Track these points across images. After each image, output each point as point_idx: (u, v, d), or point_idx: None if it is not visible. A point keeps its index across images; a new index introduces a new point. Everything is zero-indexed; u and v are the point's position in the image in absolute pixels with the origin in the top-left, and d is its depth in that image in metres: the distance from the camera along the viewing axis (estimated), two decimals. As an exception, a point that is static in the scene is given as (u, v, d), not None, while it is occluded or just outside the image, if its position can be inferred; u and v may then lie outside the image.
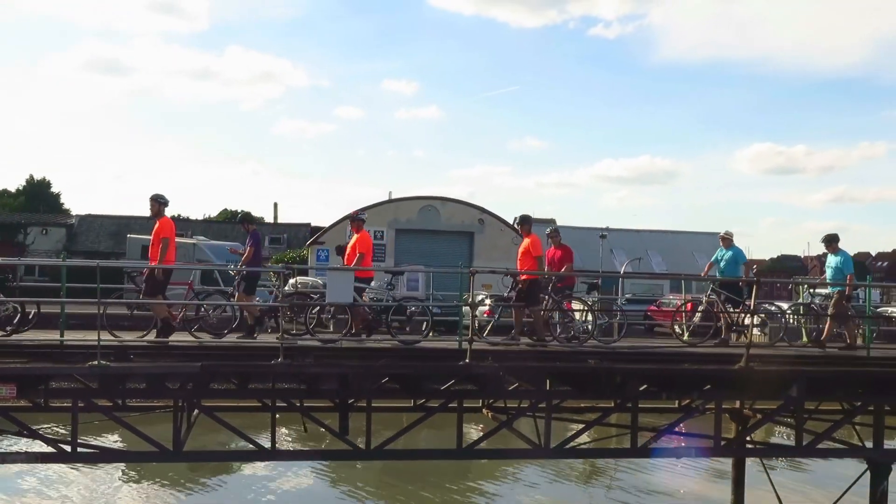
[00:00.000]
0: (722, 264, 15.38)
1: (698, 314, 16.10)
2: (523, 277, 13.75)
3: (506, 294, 14.38)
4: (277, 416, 12.40)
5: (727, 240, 15.43)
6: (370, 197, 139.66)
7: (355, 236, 14.36)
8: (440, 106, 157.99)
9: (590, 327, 14.45)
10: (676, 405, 14.23)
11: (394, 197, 49.96)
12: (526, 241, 14.05)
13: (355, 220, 14.72)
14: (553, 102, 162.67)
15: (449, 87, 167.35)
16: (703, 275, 17.05)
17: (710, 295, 15.07)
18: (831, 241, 14.94)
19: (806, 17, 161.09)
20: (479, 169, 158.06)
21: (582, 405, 14.63)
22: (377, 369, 11.72)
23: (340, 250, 15.50)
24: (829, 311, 14.92)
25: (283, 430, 19.40)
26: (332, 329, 14.17)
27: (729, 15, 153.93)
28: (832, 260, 14.95)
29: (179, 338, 12.42)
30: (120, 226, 58.67)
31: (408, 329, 15.20)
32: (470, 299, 12.14)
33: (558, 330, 14.49)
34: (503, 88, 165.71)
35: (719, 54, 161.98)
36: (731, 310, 14.84)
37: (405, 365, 11.96)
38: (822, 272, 15.43)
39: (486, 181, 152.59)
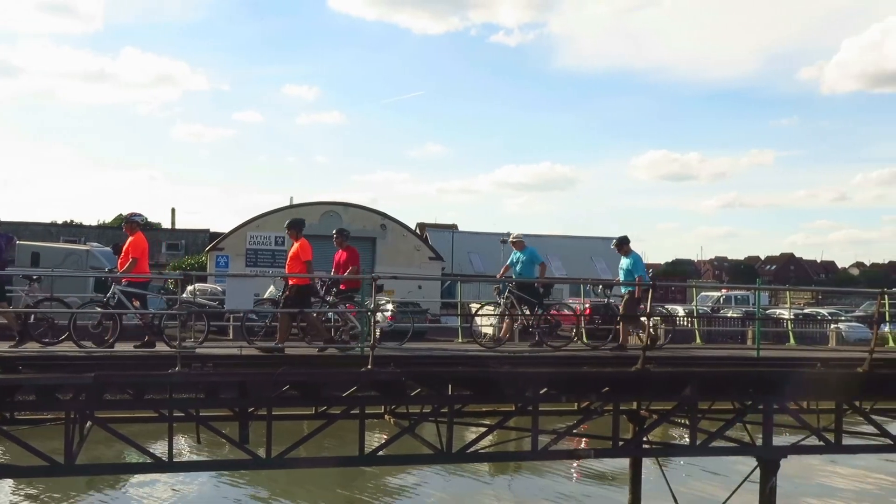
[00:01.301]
0: (518, 267, 15.58)
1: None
2: (292, 282, 13.35)
3: (277, 297, 14.00)
4: (175, 424, 12.13)
5: (519, 243, 15.63)
6: (271, 202, 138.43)
7: (130, 238, 13.03)
8: (342, 111, 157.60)
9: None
10: (576, 407, 14.45)
11: (295, 202, 49.54)
12: (295, 245, 13.56)
13: (129, 221, 13.45)
14: (455, 109, 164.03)
15: (351, 92, 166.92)
16: (498, 276, 17.15)
17: (506, 297, 15.15)
18: (622, 243, 15.27)
19: (699, 29, 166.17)
20: (381, 175, 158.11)
21: (483, 409, 14.73)
22: (277, 377, 11.56)
23: (118, 249, 14.77)
24: (622, 313, 15.29)
25: (183, 438, 18.97)
26: (231, 337, 13.90)
27: (626, 26, 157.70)
28: (624, 262, 15.26)
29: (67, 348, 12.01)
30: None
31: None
32: (373, 305, 12.12)
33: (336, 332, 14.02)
34: (406, 94, 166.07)
35: (617, 64, 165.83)
36: (527, 312, 14.97)
37: (304, 372, 11.85)
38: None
39: (388, 187, 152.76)
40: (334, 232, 14.73)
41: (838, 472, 21.12)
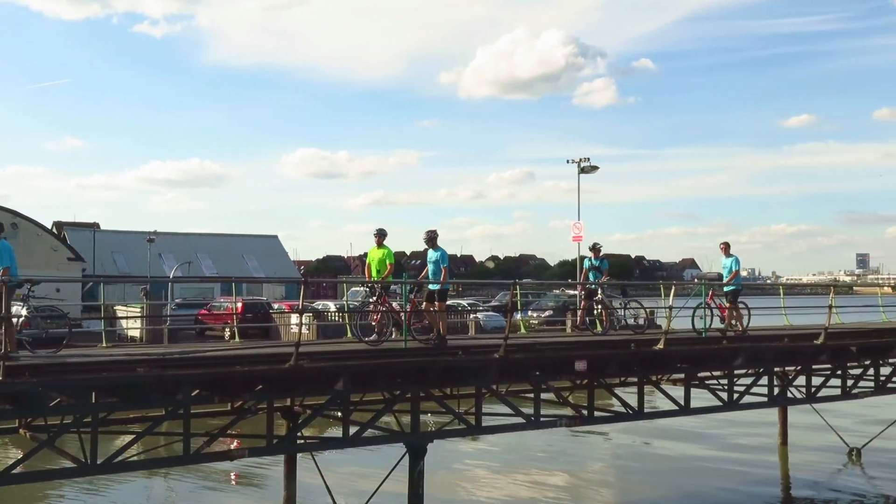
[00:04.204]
0: None
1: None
2: None
3: None
4: None
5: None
6: None
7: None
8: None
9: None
10: (229, 408, 14.25)
11: None
12: None
13: None
14: (97, 101, 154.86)
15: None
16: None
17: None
18: (432, 238, 15.49)
19: (347, 31, 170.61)
20: (12, 169, 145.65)
21: (131, 416, 14.08)
22: None
23: None
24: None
25: None
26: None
27: (276, 24, 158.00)
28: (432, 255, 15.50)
29: None
30: None
31: None
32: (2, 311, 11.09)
33: None
34: (38, 83, 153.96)
35: (267, 60, 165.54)
36: None
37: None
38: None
39: (21, 182, 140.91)
40: None
41: (481, 451, 22.74)
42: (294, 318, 14.59)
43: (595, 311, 19.20)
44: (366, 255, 15.85)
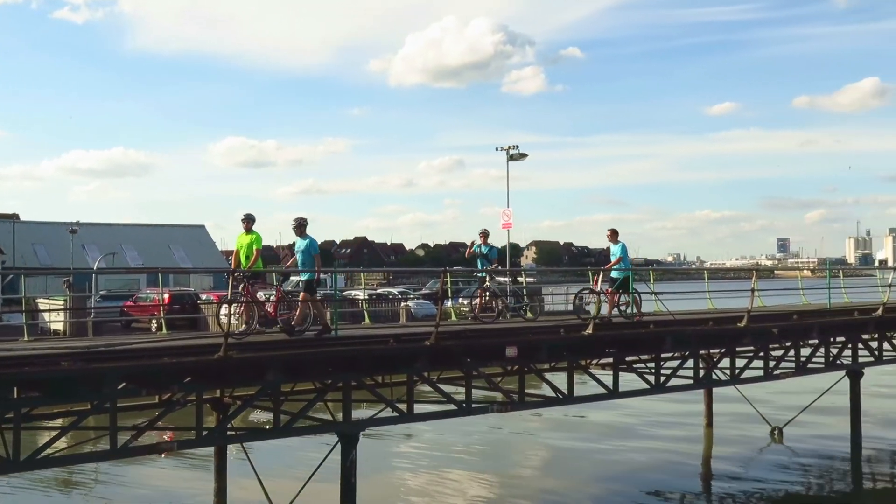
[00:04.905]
0: None
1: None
2: None
3: None
4: None
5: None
6: None
7: None
8: None
9: None
10: (157, 400, 14.05)
11: None
12: None
13: None
14: (16, 89, 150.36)
15: None
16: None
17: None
18: (301, 225, 15.22)
19: (273, 18, 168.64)
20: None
21: (55, 410, 13.77)
22: None
23: None
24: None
25: None
26: None
27: (201, 10, 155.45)
28: (300, 243, 15.28)
29: None
30: None
31: None
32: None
33: None
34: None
35: (193, 48, 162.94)
36: None
37: None
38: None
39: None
40: None
41: (413, 446, 22.81)
42: (223, 309, 14.38)
43: (483, 299, 19.05)
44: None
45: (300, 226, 15.00)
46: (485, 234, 18.84)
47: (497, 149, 44.47)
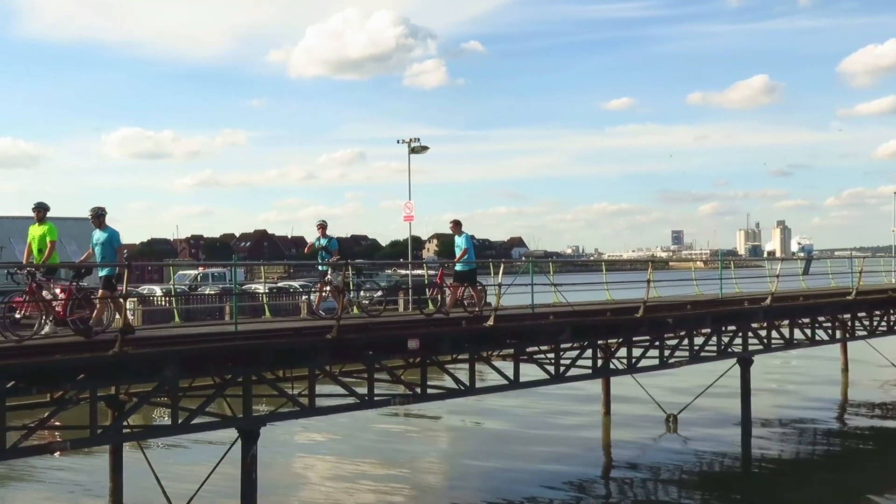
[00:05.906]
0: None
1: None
2: None
3: None
4: None
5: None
6: None
7: None
8: None
9: None
10: (49, 398, 13.61)
11: None
12: None
13: None
14: None
15: None
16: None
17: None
18: (98, 216, 13.84)
19: (170, 6, 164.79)
20: None
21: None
22: None
23: None
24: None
25: None
26: None
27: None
28: (99, 235, 14.42)
29: None
30: None
31: None
32: None
33: None
34: None
35: (86, 35, 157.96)
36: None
37: None
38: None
39: None
40: None
41: (315, 440, 22.68)
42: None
43: (325, 293, 17.76)
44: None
45: (97, 216, 13.85)
46: (323, 227, 17.72)
47: (398, 141, 44.34)
